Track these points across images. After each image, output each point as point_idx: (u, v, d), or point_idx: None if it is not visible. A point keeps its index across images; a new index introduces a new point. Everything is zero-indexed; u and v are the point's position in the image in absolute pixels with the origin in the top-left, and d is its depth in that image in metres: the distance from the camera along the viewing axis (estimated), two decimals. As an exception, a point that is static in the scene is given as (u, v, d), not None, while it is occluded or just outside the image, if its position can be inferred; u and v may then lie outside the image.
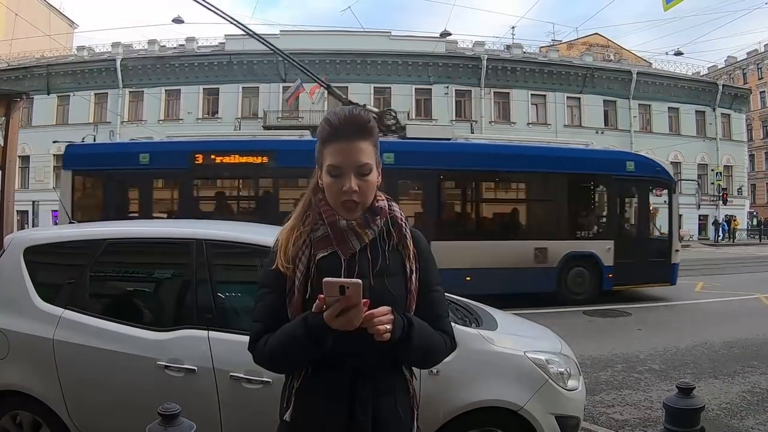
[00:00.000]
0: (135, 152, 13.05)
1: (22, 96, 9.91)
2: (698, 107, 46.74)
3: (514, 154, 13.72)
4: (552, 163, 13.32)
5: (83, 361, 3.75)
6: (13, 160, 9.48)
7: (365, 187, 1.90)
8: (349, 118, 1.90)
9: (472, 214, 13.94)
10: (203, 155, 12.91)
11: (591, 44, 55.05)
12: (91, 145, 14.50)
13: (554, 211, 13.52)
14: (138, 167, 12.70)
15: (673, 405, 3.06)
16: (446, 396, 3.72)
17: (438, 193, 13.45)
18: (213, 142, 14.44)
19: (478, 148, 14.43)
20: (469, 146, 14.37)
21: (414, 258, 1.99)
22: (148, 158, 12.73)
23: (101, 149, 14.25)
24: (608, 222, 14.15)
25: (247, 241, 4.00)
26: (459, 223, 13.95)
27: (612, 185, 13.89)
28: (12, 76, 42.14)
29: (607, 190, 14.11)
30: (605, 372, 7.35)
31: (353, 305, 1.68)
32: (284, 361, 1.88)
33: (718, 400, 6.17)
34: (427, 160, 13.04)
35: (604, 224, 14.17)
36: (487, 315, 4.78)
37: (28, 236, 4.39)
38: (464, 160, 13.29)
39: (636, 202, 14.64)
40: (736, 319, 11.03)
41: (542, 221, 13.72)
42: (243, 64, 41.76)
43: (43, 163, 42.15)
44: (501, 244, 12.94)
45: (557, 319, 9.93)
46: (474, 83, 42.90)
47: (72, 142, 13.52)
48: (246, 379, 3.46)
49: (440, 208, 13.54)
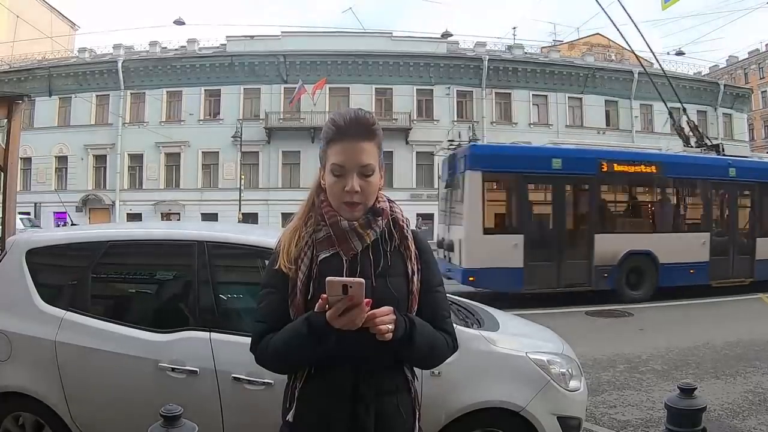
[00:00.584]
0: (547, 156, 13.84)
1: (24, 98, 9.90)
2: (700, 107, 46.68)
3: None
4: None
5: (85, 363, 3.75)
6: (15, 162, 9.49)
7: (367, 188, 1.91)
8: (354, 119, 1.92)
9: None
10: (607, 163, 13.86)
11: (592, 44, 55.05)
12: (497, 146, 15.62)
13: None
14: (549, 171, 13.47)
15: (675, 405, 3.06)
16: (448, 397, 3.73)
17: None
18: (616, 152, 15.30)
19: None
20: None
21: (415, 259, 2.01)
22: (561, 163, 13.48)
23: (507, 151, 14.57)
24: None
25: (248, 242, 4.00)
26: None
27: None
28: (14, 78, 42.24)
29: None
30: (607, 372, 7.35)
31: (356, 304, 1.69)
32: (287, 360, 1.89)
33: (720, 401, 6.16)
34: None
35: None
36: (489, 316, 4.78)
37: (31, 238, 4.39)
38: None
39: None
40: (738, 319, 11.02)
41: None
42: (244, 66, 41.80)
43: (44, 165, 42.25)
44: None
45: (559, 319, 9.93)
46: (475, 84, 42.91)
47: (474, 143, 14.58)
48: (248, 380, 3.46)
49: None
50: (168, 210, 40.83)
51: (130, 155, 42.42)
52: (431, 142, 41.42)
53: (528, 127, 43.09)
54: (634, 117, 44.28)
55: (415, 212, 37.95)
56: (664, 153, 16.09)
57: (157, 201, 40.91)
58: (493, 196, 13.50)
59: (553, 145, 16.22)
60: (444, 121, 42.21)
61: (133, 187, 42.48)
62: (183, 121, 42.05)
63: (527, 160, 13.70)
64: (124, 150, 42.04)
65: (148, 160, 42.20)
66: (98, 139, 42.34)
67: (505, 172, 13.52)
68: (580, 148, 15.15)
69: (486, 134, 41.27)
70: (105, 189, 42.35)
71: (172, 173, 42.44)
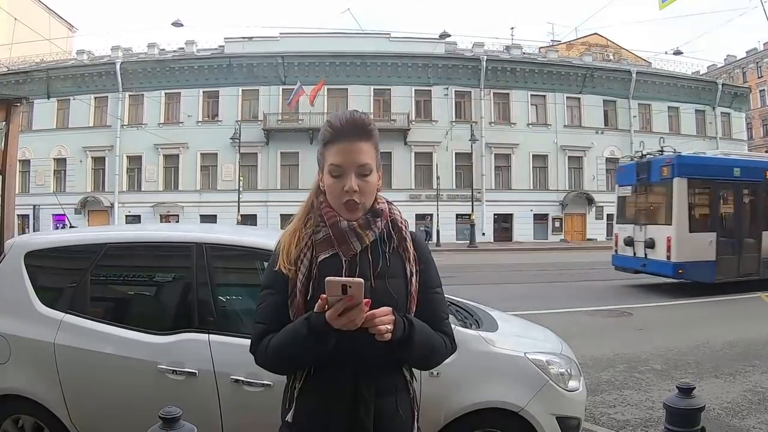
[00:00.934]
0: (730, 165, 15.74)
1: (22, 101, 9.89)
2: (698, 106, 46.81)
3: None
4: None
5: (84, 365, 3.76)
6: (14, 164, 9.48)
7: (365, 188, 1.93)
8: (351, 120, 1.94)
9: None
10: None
11: (590, 44, 55.14)
12: (698, 156, 16.72)
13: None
14: (732, 178, 15.43)
15: (674, 405, 3.06)
16: (447, 397, 3.73)
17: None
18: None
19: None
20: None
21: (414, 260, 2.02)
22: (740, 172, 15.52)
23: (705, 161, 16.26)
24: None
25: (246, 244, 4.00)
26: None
27: None
28: (12, 81, 42.30)
29: None
30: (606, 372, 7.35)
31: (355, 304, 1.70)
32: (286, 361, 1.90)
33: (719, 400, 6.16)
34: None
35: None
36: (488, 316, 4.78)
37: (29, 241, 4.40)
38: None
39: None
40: (737, 318, 11.02)
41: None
42: (242, 67, 41.86)
43: (43, 167, 42.26)
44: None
45: (558, 319, 9.92)
46: (474, 84, 43.02)
47: (679, 153, 15.98)
48: (247, 382, 3.46)
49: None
50: (167, 212, 40.91)
51: (129, 157, 42.53)
52: (430, 142, 41.61)
53: (526, 127, 43.27)
54: (632, 117, 44.39)
55: (414, 214, 38.09)
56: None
57: (155, 203, 40.97)
58: (695, 199, 15.34)
59: (737, 156, 18.20)
60: (442, 121, 42.31)
61: (132, 188, 42.55)
62: (181, 123, 42.14)
63: (717, 169, 15.69)
64: (122, 152, 42.15)
65: (147, 162, 42.28)
66: (97, 141, 42.40)
67: (703, 179, 15.36)
68: (752, 159, 17.89)
69: (484, 134, 41.37)
70: (104, 191, 42.42)
71: (170, 175, 42.52)
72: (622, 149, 42.94)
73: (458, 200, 41.04)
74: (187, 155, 42.11)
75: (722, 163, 16.17)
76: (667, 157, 15.74)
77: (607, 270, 17.29)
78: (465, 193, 40.31)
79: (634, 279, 16.44)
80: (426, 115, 43.01)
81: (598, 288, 15.98)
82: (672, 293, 14.17)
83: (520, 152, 43.15)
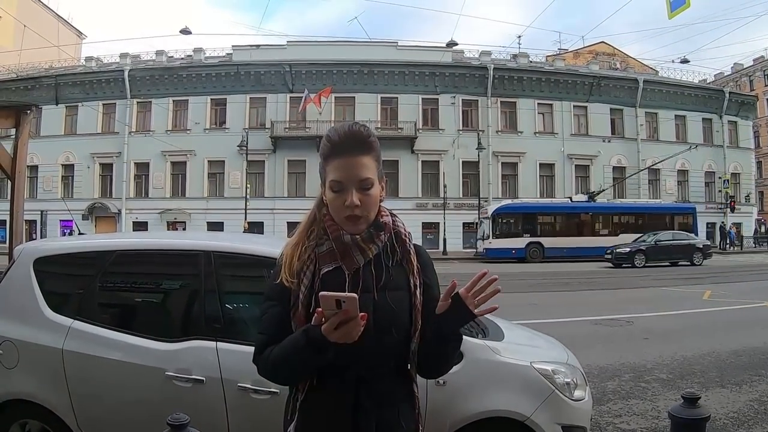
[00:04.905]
0: None
1: (32, 108, 9.97)
2: (705, 115, 46.78)
3: None
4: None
5: (92, 371, 3.77)
6: (23, 171, 9.55)
7: (367, 201, 1.93)
8: (349, 133, 1.93)
9: None
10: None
11: (597, 53, 55.21)
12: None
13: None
14: None
15: (679, 415, 3.06)
16: (452, 406, 3.73)
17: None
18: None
19: None
20: None
21: (418, 273, 2.03)
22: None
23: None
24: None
25: (253, 252, 4.02)
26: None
27: None
28: (21, 87, 42.57)
29: None
30: (612, 381, 7.33)
31: (350, 318, 1.70)
32: (287, 371, 1.90)
33: (725, 410, 6.14)
34: None
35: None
36: (494, 325, 4.78)
37: (38, 247, 4.42)
38: None
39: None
40: (743, 327, 10.96)
41: None
42: (250, 75, 42.01)
43: (51, 173, 42.46)
44: None
45: (564, 328, 9.91)
46: (480, 93, 43.07)
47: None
48: (253, 389, 3.47)
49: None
50: (174, 219, 41.01)
51: (136, 164, 42.69)
52: (437, 151, 41.60)
53: (533, 135, 43.29)
54: (639, 125, 44.32)
55: (421, 222, 38.09)
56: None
57: (163, 209, 41.09)
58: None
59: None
60: (449, 130, 42.34)
61: (139, 195, 42.69)
62: (189, 130, 42.27)
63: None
64: (130, 158, 42.31)
65: (154, 169, 42.43)
66: (104, 148, 42.59)
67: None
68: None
69: (491, 143, 41.40)
70: (111, 197, 42.56)
71: (177, 182, 42.64)
72: (628, 158, 42.96)
73: (465, 209, 40.98)
74: (194, 162, 42.24)
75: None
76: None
77: (608, 278, 17.28)
78: (472, 201, 40.34)
79: (635, 288, 16.43)
80: (433, 124, 43.06)
81: (600, 297, 15.97)
82: (679, 302, 14.14)
83: (526, 161, 43.15)
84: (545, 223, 35.68)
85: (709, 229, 45.55)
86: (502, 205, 35.94)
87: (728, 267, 27.50)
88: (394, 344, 1.95)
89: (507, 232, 34.55)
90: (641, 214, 36.71)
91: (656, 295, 16.03)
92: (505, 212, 35.29)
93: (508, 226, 34.94)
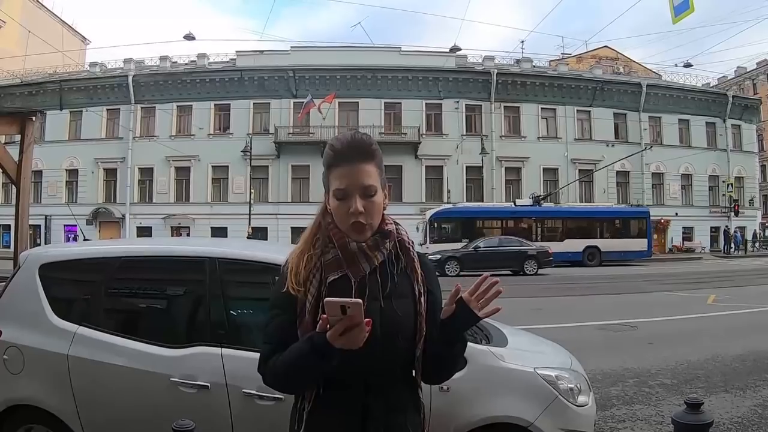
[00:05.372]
0: None
1: (38, 114, 10.02)
2: (708, 118, 46.70)
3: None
4: None
5: (97, 377, 3.79)
6: (28, 177, 9.59)
7: (371, 208, 1.94)
8: (352, 142, 1.95)
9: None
10: None
11: (600, 57, 55.22)
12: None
13: None
14: None
15: (682, 420, 3.07)
16: (456, 412, 3.74)
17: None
18: None
19: None
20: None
21: (422, 280, 2.04)
22: None
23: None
24: None
25: (258, 259, 4.04)
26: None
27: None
28: (25, 92, 42.73)
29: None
30: (616, 387, 7.32)
31: (355, 324, 1.71)
32: (293, 379, 1.91)
33: (729, 414, 6.13)
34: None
35: None
36: (497, 331, 4.79)
37: (44, 253, 4.45)
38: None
39: None
40: (748, 331, 10.93)
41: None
42: (254, 80, 42.09)
43: (55, 178, 42.53)
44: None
45: (568, 334, 9.90)
46: (484, 97, 43.09)
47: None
48: (258, 395, 3.48)
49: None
50: (178, 224, 41.07)
51: (141, 169, 42.78)
52: (440, 156, 41.60)
53: (537, 140, 43.29)
54: (642, 129, 44.27)
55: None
56: None
57: (167, 215, 41.14)
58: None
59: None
60: (453, 134, 42.35)
61: (144, 200, 42.76)
62: (193, 135, 42.35)
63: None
64: (134, 163, 42.40)
65: (158, 174, 42.50)
66: (109, 153, 42.69)
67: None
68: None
69: (495, 147, 41.41)
70: (115, 202, 42.67)
71: (181, 187, 42.71)
72: (632, 162, 42.87)
73: (469, 213, 40.86)
74: (198, 168, 42.30)
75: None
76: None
77: (609, 284, 17.27)
78: (476, 206, 40.24)
79: (636, 294, 16.42)
80: (436, 129, 43.09)
81: (602, 302, 15.94)
82: (684, 307, 14.11)
83: (530, 165, 43.15)
84: (485, 228, 34.43)
85: (713, 233, 45.54)
86: (440, 209, 34.49)
87: (732, 271, 27.46)
88: (401, 351, 1.96)
89: (445, 237, 32.99)
90: (590, 219, 35.74)
91: (660, 300, 16.01)
92: (443, 217, 33.83)
93: (446, 231, 33.63)
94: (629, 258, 34.68)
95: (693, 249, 44.03)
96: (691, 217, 45.24)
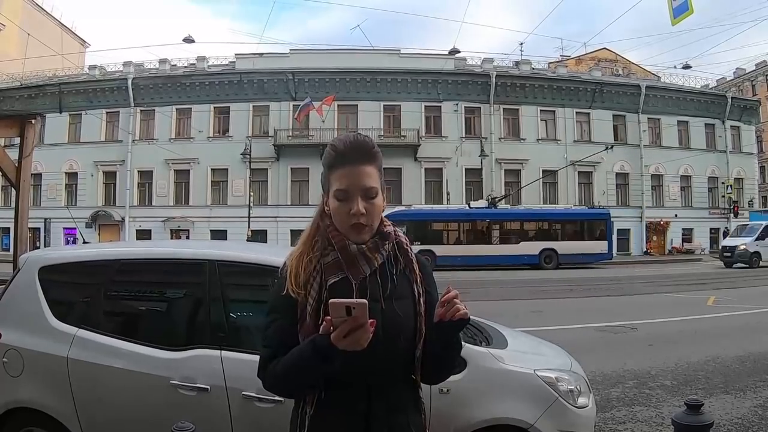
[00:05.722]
0: None
1: (37, 117, 10.02)
2: (708, 120, 46.76)
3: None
4: None
5: (97, 380, 3.78)
6: (28, 179, 9.59)
7: (372, 210, 1.94)
8: (354, 143, 1.96)
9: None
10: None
11: (599, 59, 55.25)
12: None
13: None
14: None
15: (682, 421, 3.07)
16: (456, 414, 3.74)
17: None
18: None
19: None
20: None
21: (421, 281, 2.05)
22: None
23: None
24: None
25: (258, 261, 4.04)
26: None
27: None
28: (25, 95, 42.73)
29: None
30: (616, 388, 7.31)
31: (360, 325, 1.70)
32: (294, 382, 1.90)
33: (729, 416, 6.13)
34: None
35: None
36: (497, 333, 4.79)
37: (43, 256, 4.45)
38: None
39: None
40: (748, 333, 10.92)
41: None
42: (253, 83, 42.11)
43: (55, 181, 42.55)
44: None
45: (567, 335, 9.91)
46: (483, 100, 43.14)
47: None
48: (258, 398, 3.47)
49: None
50: (177, 226, 41.09)
51: (140, 172, 42.79)
52: (440, 158, 41.62)
53: (536, 142, 43.35)
54: (642, 131, 44.32)
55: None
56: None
57: (166, 217, 41.17)
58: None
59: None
60: (452, 137, 42.39)
61: (143, 203, 42.78)
62: (192, 138, 42.38)
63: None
64: (133, 166, 42.42)
65: (158, 177, 42.53)
66: (108, 156, 42.74)
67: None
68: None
69: (494, 150, 41.44)
70: (115, 205, 42.70)
71: (181, 190, 42.75)
72: (631, 164, 42.91)
73: (468, 216, 40.89)
74: (197, 170, 42.33)
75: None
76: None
77: (610, 286, 17.27)
78: (475, 208, 40.25)
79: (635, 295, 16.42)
80: (436, 131, 43.13)
81: (602, 303, 15.94)
82: (684, 308, 14.11)
83: (529, 167, 43.14)
84: (438, 231, 34.35)
85: (713, 234, 45.56)
86: (393, 211, 32.82)
87: (732, 272, 27.47)
88: (401, 351, 1.96)
89: None
90: (547, 221, 35.31)
91: (660, 301, 16.01)
92: (396, 219, 31.08)
93: None
94: (589, 261, 34.14)
95: (693, 250, 44.09)
96: (690, 218, 45.34)
